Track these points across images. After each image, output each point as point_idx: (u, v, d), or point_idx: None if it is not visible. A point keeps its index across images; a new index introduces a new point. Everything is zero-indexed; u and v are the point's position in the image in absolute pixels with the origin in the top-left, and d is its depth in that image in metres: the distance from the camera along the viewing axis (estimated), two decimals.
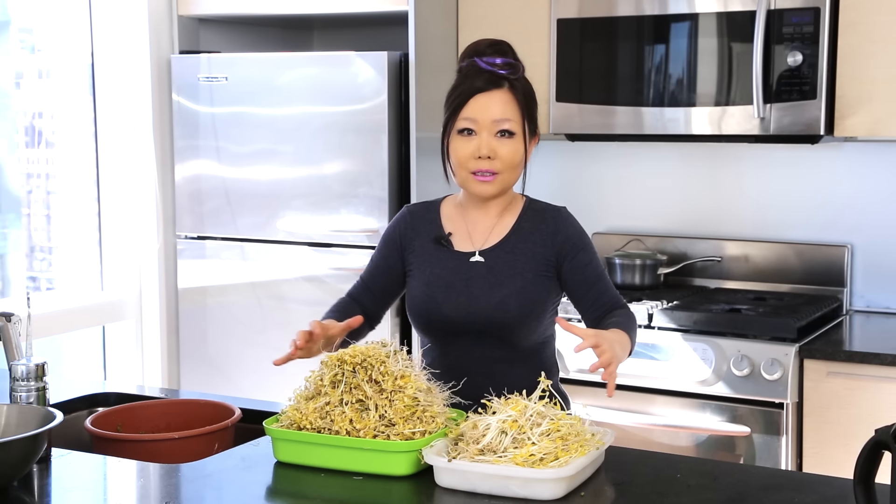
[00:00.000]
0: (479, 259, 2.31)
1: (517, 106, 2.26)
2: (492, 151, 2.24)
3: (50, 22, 3.88)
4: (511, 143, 2.26)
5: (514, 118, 2.25)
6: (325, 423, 1.95)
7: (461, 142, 2.26)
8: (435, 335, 2.35)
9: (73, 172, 3.92)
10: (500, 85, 2.26)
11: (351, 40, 4.22)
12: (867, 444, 1.54)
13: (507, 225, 2.34)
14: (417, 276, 2.35)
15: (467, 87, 2.26)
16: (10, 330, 2.15)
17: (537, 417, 1.87)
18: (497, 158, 2.25)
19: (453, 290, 2.30)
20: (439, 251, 2.35)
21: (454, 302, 2.29)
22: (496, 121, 2.24)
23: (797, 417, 3.07)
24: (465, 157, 2.26)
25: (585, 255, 2.32)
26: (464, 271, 2.31)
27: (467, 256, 2.32)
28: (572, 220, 2.36)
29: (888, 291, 3.59)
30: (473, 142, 2.25)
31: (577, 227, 2.35)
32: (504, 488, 1.80)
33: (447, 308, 2.30)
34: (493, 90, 2.25)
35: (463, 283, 2.30)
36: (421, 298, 2.33)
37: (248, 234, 3.81)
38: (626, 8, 3.43)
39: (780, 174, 3.70)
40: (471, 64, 2.28)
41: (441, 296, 2.30)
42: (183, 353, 3.96)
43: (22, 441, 1.83)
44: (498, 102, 2.25)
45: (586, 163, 3.98)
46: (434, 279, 2.32)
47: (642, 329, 3.26)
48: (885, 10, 3.17)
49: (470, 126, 2.25)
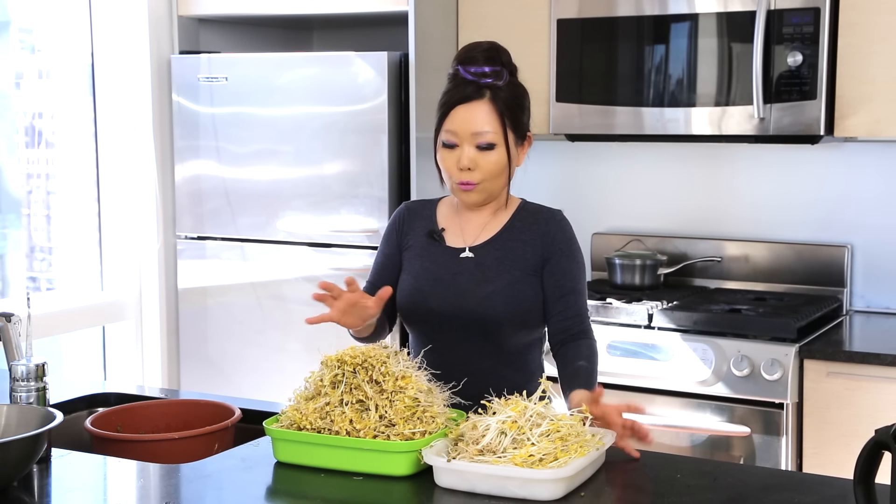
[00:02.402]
0: (469, 255, 2.33)
1: (497, 117, 2.27)
2: (472, 163, 2.26)
3: (50, 22, 3.88)
4: (492, 155, 2.27)
5: (494, 129, 2.27)
6: (325, 424, 1.95)
7: (445, 153, 2.30)
8: (420, 329, 2.36)
9: (73, 172, 3.92)
10: (482, 95, 2.27)
11: (351, 40, 4.22)
12: (867, 444, 1.54)
13: (500, 223, 2.36)
14: (408, 269, 2.37)
15: (450, 97, 2.29)
16: (10, 330, 2.15)
17: (537, 418, 1.87)
18: (477, 170, 2.27)
19: (440, 283, 2.32)
20: (431, 246, 2.37)
21: (440, 295, 2.31)
22: (475, 133, 2.26)
23: (797, 418, 3.06)
24: (449, 167, 2.29)
25: (567, 262, 2.32)
26: (453, 266, 2.33)
27: (458, 252, 2.34)
28: (565, 225, 2.36)
29: (888, 291, 3.59)
30: (455, 153, 2.28)
31: (568, 233, 2.35)
32: (503, 489, 1.80)
33: (433, 301, 2.31)
34: (473, 101, 2.27)
35: (451, 278, 2.31)
36: (408, 291, 2.35)
37: (248, 234, 3.81)
38: (626, 8, 3.43)
39: (780, 174, 3.70)
40: (455, 73, 2.31)
41: (428, 288, 2.32)
42: (183, 354, 3.96)
43: (22, 441, 1.83)
44: (478, 114, 2.26)
45: (586, 163, 3.98)
46: (423, 272, 2.34)
47: (642, 329, 3.27)
48: (885, 10, 3.17)
49: (451, 139, 2.28)
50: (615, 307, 3.35)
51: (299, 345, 3.72)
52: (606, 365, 3.24)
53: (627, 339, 3.26)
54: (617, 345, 3.25)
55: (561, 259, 2.31)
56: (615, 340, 3.26)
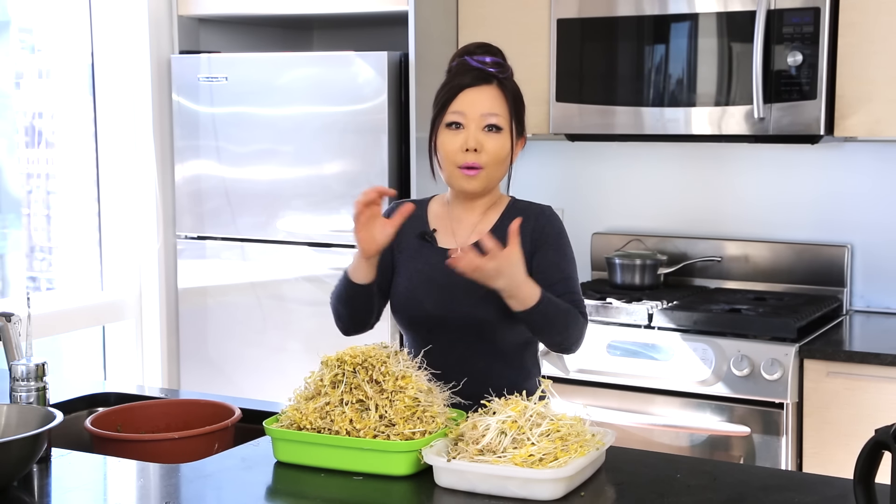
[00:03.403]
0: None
1: (505, 102, 2.29)
2: (479, 144, 2.26)
3: (50, 22, 3.88)
4: (498, 138, 2.27)
5: (502, 113, 2.28)
6: (325, 423, 1.95)
7: (449, 135, 2.28)
8: (416, 331, 2.36)
9: (73, 172, 3.92)
10: (489, 81, 2.28)
11: (351, 40, 4.22)
12: (867, 444, 1.54)
13: (490, 222, 2.35)
14: (401, 272, 2.36)
15: (456, 83, 2.29)
16: (10, 330, 2.15)
17: (537, 418, 1.87)
18: (483, 152, 2.26)
19: (434, 285, 2.31)
20: (423, 247, 2.36)
21: (434, 297, 2.30)
22: (484, 115, 2.26)
23: (797, 417, 3.06)
24: (453, 150, 2.28)
25: (556, 255, 2.31)
26: (445, 267, 2.30)
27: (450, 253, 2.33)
28: (554, 219, 2.35)
29: (888, 291, 3.59)
30: (461, 135, 2.27)
31: (557, 227, 2.34)
32: (503, 488, 1.80)
33: (428, 304, 2.30)
34: (482, 85, 2.28)
35: (444, 279, 2.29)
36: (403, 294, 2.34)
37: (248, 234, 3.81)
38: (626, 8, 3.43)
39: (780, 174, 3.70)
40: (460, 62, 2.31)
41: (422, 291, 2.31)
42: (183, 353, 3.96)
43: (22, 441, 1.83)
44: (486, 97, 2.27)
45: (586, 163, 3.98)
46: (416, 275, 2.34)
47: (642, 329, 3.27)
48: (885, 10, 3.17)
49: (458, 119, 2.27)
50: (615, 307, 3.35)
51: (299, 345, 3.72)
52: (606, 365, 3.24)
53: (627, 339, 3.25)
54: (617, 345, 3.25)
55: (549, 252, 2.30)
56: (615, 340, 3.26)
